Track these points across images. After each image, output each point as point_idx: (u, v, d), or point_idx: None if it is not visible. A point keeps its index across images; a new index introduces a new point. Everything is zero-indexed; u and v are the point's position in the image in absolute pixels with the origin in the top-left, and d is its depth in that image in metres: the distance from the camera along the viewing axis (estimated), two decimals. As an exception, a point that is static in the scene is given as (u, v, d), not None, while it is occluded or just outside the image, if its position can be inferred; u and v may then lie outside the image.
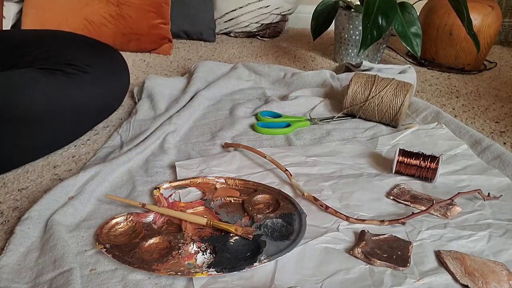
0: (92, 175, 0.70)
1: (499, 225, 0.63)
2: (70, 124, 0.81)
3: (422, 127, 0.92)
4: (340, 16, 1.39)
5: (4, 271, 0.52)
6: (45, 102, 0.74)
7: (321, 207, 0.66)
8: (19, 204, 0.66)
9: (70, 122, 0.80)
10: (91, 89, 0.82)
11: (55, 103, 0.75)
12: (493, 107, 1.13)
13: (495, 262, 0.55)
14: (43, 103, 0.73)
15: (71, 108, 0.78)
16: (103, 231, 0.59)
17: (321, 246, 0.58)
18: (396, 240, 0.59)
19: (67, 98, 0.77)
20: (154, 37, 1.42)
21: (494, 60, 1.55)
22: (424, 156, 0.73)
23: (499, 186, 0.73)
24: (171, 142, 0.83)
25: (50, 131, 0.77)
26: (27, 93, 0.71)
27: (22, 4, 1.35)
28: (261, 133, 0.90)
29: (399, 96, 0.90)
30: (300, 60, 1.48)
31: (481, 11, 1.35)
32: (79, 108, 0.80)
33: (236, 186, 0.71)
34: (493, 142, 0.83)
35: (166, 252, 0.55)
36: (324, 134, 0.90)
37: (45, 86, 0.74)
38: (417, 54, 1.21)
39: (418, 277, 0.53)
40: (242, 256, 0.55)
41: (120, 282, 0.52)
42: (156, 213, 0.62)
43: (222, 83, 1.09)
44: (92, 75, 0.83)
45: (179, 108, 0.96)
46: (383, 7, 1.13)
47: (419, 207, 0.66)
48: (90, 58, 0.86)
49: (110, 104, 0.91)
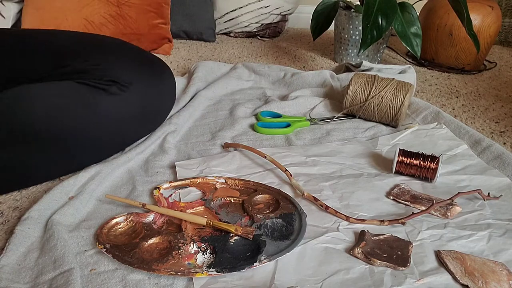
0: (92, 175, 0.70)
1: (499, 225, 0.63)
2: (104, 144, 0.75)
3: (422, 127, 0.92)
4: (340, 16, 1.39)
5: (4, 271, 0.52)
6: (83, 122, 0.69)
7: (321, 207, 0.66)
8: (19, 204, 0.66)
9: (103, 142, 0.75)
10: (130, 110, 0.76)
11: (94, 122, 0.70)
12: (493, 107, 1.13)
13: (495, 262, 0.55)
14: (81, 123, 0.69)
15: (108, 128, 0.73)
16: (103, 231, 0.59)
17: (321, 246, 0.58)
18: (396, 240, 0.59)
19: (106, 118, 0.72)
20: (154, 37, 1.42)
21: (494, 60, 1.55)
22: (424, 156, 0.73)
23: (499, 186, 0.73)
24: (171, 142, 0.83)
25: (82, 150, 0.72)
26: (65, 111, 0.67)
27: (22, 4, 1.35)
28: (261, 133, 0.90)
29: (399, 96, 0.90)
30: (300, 60, 1.48)
31: (481, 11, 1.35)
32: (116, 128, 0.75)
33: (236, 186, 0.71)
34: (493, 142, 0.83)
35: (166, 252, 0.55)
36: (324, 134, 0.90)
37: (84, 105, 0.69)
38: (417, 54, 1.21)
39: (418, 277, 0.53)
40: (242, 256, 0.55)
41: (120, 282, 0.52)
42: (156, 213, 0.62)
43: (222, 83, 1.09)
44: (133, 95, 0.76)
45: (179, 108, 0.96)
46: (383, 7, 1.13)
47: (419, 207, 0.66)
48: (136, 74, 0.78)
49: (149, 123, 0.84)
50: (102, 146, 0.75)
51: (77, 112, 0.69)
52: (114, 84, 0.73)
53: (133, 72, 0.78)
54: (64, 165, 0.72)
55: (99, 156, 0.76)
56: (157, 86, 0.82)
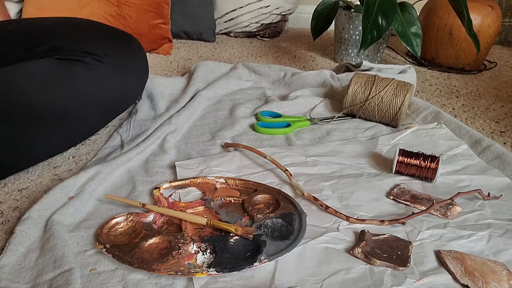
0: (92, 175, 0.70)
1: (499, 225, 0.63)
2: (91, 118, 0.78)
3: (422, 127, 0.92)
4: (340, 16, 1.39)
5: (4, 271, 0.52)
6: (66, 96, 0.71)
7: (321, 207, 0.66)
8: (19, 204, 0.66)
9: (91, 115, 0.78)
10: (111, 80, 0.79)
11: (77, 97, 0.72)
12: (493, 107, 1.13)
13: (495, 262, 0.55)
14: (64, 97, 0.71)
15: (92, 101, 0.76)
16: (103, 231, 0.59)
17: (321, 246, 0.58)
18: (396, 240, 0.59)
19: (88, 91, 0.75)
20: (154, 37, 1.42)
21: (494, 60, 1.55)
22: (424, 156, 0.73)
23: (499, 186, 0.73)
24: (171, 142, 0.83)
25: (71, 125, 0.75)
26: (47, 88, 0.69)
27: (22, 4, 1.36)
28: (261, 133, 0.90)
29: (399, 96, 0.90)
30: (300, 60, 1.48)
31: (481, 11, 1.35)
32: (100, 100, 0.77)
33: (236, 186, 0.71)
34: (493, 142, 0.83)
35: (166, 252, 0.55)
36: (324, 134, 0.90)
37: (65, 79, 0.71)
38: (417, 54, 1.21)
39: (418, 277, 0.53)
40: (242, 256, 0.55)
41: (120, 282, 0.52)
42: (156, 213, 0.62)
43: (222, 83, 1.09)
44: (111, 65, 0.79)
45: (179, 108, 0.96)
46: (383, 7, 1.13)
47: (419, 207, 0.66)
48: (109, 47, 0.81)
49: (130, 95, 0.88)
50: (87, 120, 0.78)
51: (57, 86, 0.70)
52: (88, 55, 0.76)
53: (107, 44, 0.81)
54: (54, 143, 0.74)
55: (88, 130, 0.79)
56: (131, 57, 0.85)
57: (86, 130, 0.79)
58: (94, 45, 0.78)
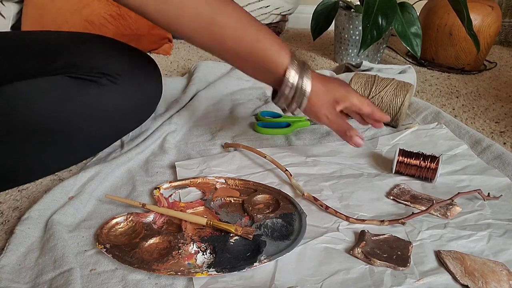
0: (92, 175, 0.70)
1: (499, 225, 0.63)
2: (102, 137, 0.77)
3: (422, 127, 0.92)
4: (340, 16, 1.39)
5: (4, 271, 0.52)
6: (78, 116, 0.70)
7: (321, 207, 0.66)
8: (19, 204, 0.66)
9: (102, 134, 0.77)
10: (125, 102, 0.77)
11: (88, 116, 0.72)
12: (493, 107, 1.13)
13: (495, 262, 0.55)
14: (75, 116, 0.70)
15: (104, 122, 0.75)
16: (103, 231, 0.59)
17: (321, 246, 0.58)
18: (396, 240, 0.59)
19: (101, 112, 0.74)
20: (154, 37, 1.42)
21: (494, 60, 1.55)
22: (424, 156, 0.73)
23: (499, 186, 0.73)
24: (171, 142, 0.83)
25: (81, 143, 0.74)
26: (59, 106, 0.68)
27: (22, 4, 1.35)
28: (261, 133, 0.90)
29: (399, 96, 0.90)
30: (300, 60, 1.47)
31: (481, 11, 1.35)
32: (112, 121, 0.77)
33: (236, 186, 0.71)
34: (493, 142, 0.83)
35: (166, 252, 0.55)
36: (324, 134, 0.90)
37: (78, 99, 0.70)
38: (417, 54, 1.21)
39: (418, 277, 0.53)
40: (242, 256, 0.55)
41: (120, 282, 0.52)
42: (156, 213, 0.62)
43: (222, 83, 1.09)
44: (126, 87, 0.77)
45: (179, 108, 0.96)
46: (383, 7, 1.13)
47: (419, 207, 0.66)
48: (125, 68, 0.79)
49: (143, 114, 0.86)
50: (97, 138, 0.77)
51: (70, 104, 0.70)
52: (103, 76, 0.74)
53: (121, 64, 0.79)
54: (61, 160, 0.73)
55: (96, 148, 0.78)
56: (146, 78, 0.83)
57: (96, 147, 0.78)
58: (109, 65, 0.77)
